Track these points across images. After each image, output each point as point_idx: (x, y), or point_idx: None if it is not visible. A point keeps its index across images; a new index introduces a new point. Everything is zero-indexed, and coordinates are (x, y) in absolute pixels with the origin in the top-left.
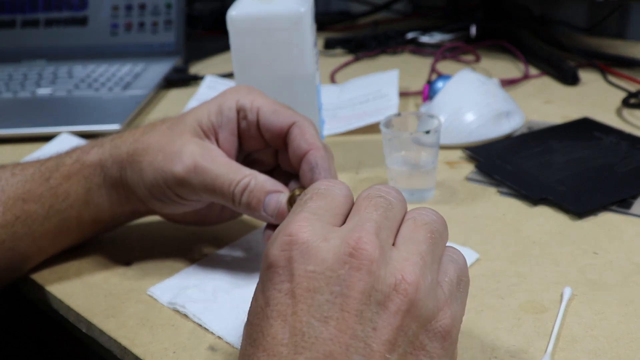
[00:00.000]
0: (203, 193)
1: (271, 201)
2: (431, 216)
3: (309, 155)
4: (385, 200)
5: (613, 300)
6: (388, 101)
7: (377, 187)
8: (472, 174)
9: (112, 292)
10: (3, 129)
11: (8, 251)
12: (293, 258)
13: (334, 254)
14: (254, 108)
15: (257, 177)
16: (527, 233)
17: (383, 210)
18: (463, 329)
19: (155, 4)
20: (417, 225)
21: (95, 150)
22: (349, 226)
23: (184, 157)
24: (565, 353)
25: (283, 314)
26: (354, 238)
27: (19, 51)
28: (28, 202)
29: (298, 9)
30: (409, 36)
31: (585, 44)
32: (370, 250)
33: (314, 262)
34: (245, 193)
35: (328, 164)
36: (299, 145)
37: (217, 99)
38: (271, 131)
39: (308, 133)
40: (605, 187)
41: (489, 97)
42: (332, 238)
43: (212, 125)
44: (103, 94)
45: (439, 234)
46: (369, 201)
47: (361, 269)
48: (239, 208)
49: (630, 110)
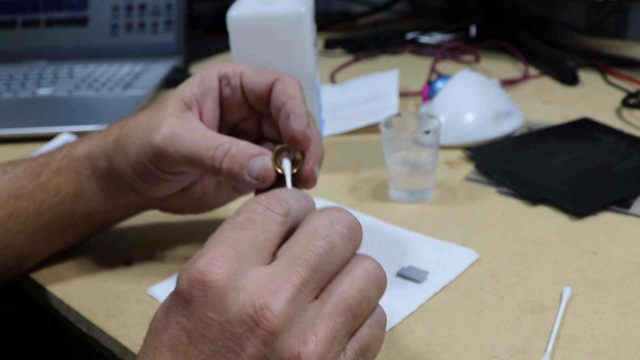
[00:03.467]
0: (182, 162)
1: (255, 163)
2: (370, 278)
3: (286, 105)
4: (327, 245)
5: (612, 300)
6: (388, 101)
7: (330, 220)
8: (472, 174)
9: (112, 292)
10: (3, 129)
11: (4, 249)
12: (196, 299)
13: (237, 310)
14: (236, 73)
15: (238, 143)
16: (526, 233)
17: (317, 262)
18: (463, 328)
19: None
20: (352, 286)
21: (83, 144)
22: (268, 274)
23: (162, 127)
24: (565, 352)
25: (175, 348)
26: (260, 302)
27: (20, 51)
28: (20, 199)
29: (298, 10)
30: (409, 36)
31: (584, 44)
32: (273, 322)
33: (216, 310)
34: (227, 158)
35: (305, 113)
36: (279, 99)
37: (198, 73)
38: (255, 92)
39: (289, 86)
40: (605, 187)
41: (488, 98)
42: (242, 289)
43: (195, 97)
44: (103, 94)
45: (368, 302)
46: (307, 244)
47: (257, 336)
48: (220, 176)
49: (630, 111)
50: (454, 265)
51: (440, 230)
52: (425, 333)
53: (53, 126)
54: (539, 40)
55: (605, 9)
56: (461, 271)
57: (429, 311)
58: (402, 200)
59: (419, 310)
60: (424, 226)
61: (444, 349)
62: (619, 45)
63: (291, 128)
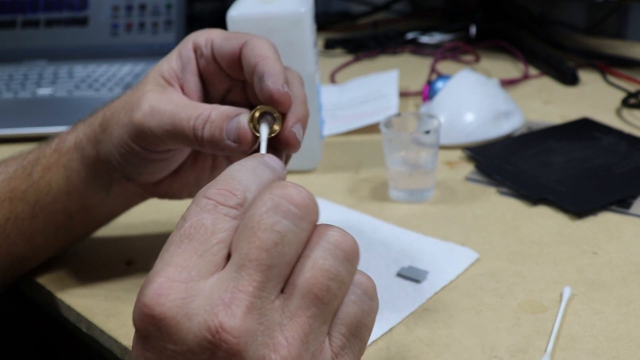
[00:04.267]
0: (165, 137)
1: (232, 124)
2: (335, 253)
3: (257, 66)
4: (275, 235)
5: (612, 300)
6: (388, 101)
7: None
8: (472, 174)
9: (112, 292)
10: (3, 129)
11: (5, 256)
12: (152, 333)
13: (194, 337)
14: (208, 42)
15: (218, 108)
16: (526, 233)
17: (267, 259)
18: (463, 328)
19: (156, 4)
20: (314, 272)
21: (72, 134)
22: (221, 287)
23: (142, 103)
24: (565, 352)
25: None
26: (215, 324)
27: (20, 51)
28: (15, 201)
29: (298, 10)
30: (409, 36)
31: (584, 44)
32: (233, 343)
33: (174, 341)
34: (207, 125)
35: (280, 71)
36: (250, 62)
37: (177, 47)
38: (226, 59)
39: (258, 47)
40: (605, 187)
41: (488, 98)
42: (195, 314)
43: (174, 71)
44: (104, 94)
45: (338, 282)
46: (252, 240)
47: (224, 358)
48: (204, 146)
49: (630, 111)
50: (454, 265)
51: (440, 230)
52: (425, 333)
53: (53, 126)
54: (539, 40)
55: (605, 9)
56: (461, 271)
57: (429, 311)
58: (402, 200)
59: (419, 310)
60: (424, 226)
61: (444, 348)
62: (619, 45)
63: (267, 89)
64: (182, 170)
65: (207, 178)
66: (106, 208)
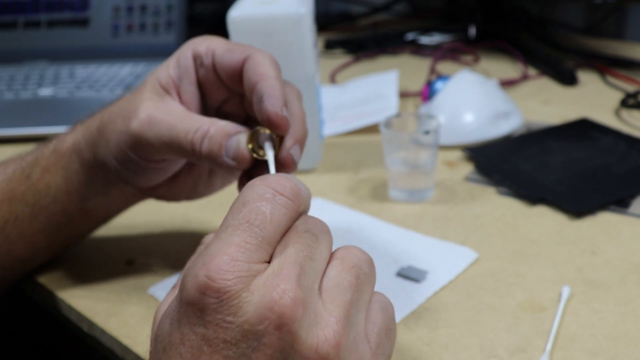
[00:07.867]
0: (162, 148)
1: (231, 143)
2: (359, 257)
3: (257, 86)
4: (312, 236)
5: (611, 300)
6: (388, 102)
7: (304, 217)
8: (471, 174)
9: (113, 291)
10: (5, 129)
11: (6, 257)
12: (211, 306)
13: (255, 307)
14: (209, 52)
15: (217, 123)
16: (525, 233)
17: (309, 250)
18: (462, 328)
19: (157, 5)
20: (344, 267)
21: (70, 136)
22: (274, 269)
23: (139, 112)
24: (564, 352)
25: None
26: (277, 291)
27: (21, 52)
28: (14, 202)
29: (298, 10)
30: (409, 37)
31: (583, 44)
32: (292, 308)
33: (233, 313)
34: (206, 140)
35: (280, 93)
36: (250, 80)
37: (175, 53)
38: (227, 71)
39: (260, 65)
40: (604, 187)
41: (487, 98)
42: (256, 288)
43: (172, 79)
44: (104, 95)
45: (366, 278)
46: (297, 236)
47: (281, 327)
48: (201, 160)
49: (629, 111)
50: (454, 265)
51: (440, 230)
52: (425, 333)
53: (54, 126)
54: (538, 40)
55: (604, 10)
56: (461, 271)
57: (428, 311)
58: (401, 200)
59: (419, 309)
60: (424, 226)
61: (444, 348)
62: (617, 46)
63: (265, 111)
64: (179, 176)
65: (204, 183)
66: (105, 208)
